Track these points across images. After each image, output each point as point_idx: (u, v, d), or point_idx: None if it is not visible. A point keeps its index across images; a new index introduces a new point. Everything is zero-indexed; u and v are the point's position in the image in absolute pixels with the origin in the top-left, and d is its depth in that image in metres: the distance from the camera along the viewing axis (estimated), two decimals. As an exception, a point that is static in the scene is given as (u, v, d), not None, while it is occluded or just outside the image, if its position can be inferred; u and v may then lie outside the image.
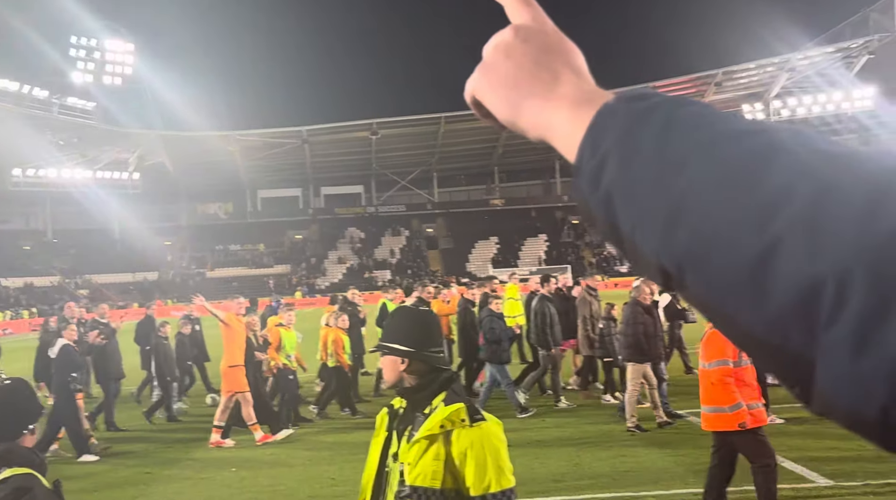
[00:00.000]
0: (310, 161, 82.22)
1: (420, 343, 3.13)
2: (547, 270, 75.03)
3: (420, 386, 3.11)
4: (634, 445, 10.12)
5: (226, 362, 11.91)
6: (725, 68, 74.72)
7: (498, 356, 12.64)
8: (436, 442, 2.95)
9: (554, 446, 10.36)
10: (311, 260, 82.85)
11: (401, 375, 3.14)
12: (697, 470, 8.68)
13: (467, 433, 2.94)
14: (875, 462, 8.48)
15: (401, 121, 78.24)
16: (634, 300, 11.49)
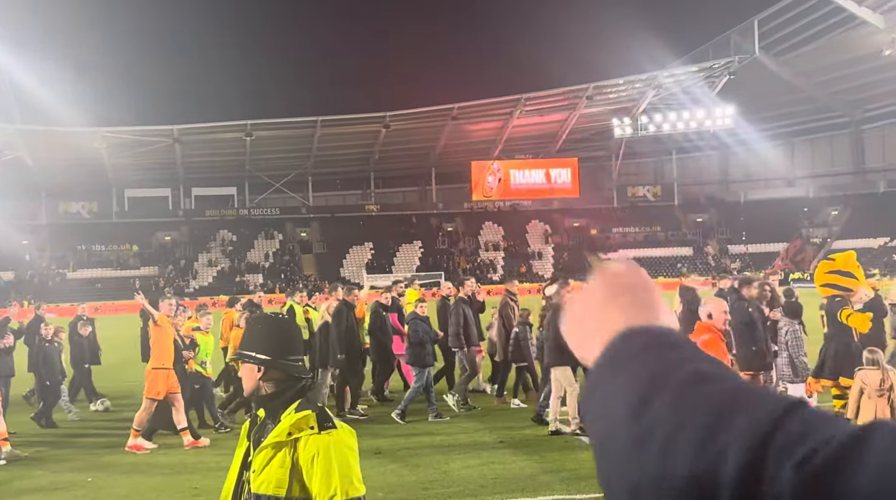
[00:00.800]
0: (181, 161, 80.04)
1: (277, 352, 3.13)
2: (421, 276, 75.49)
3: (275, 394, 3.10)
4: (503, 451, 10.28)
5: (151, 364, 11.63)
6: (596, 83, 76.98)
7: (421, 359, 12.73)
8: (282, 450, 2.93)
9: (424, 453, 10.41)
10: (180, 262, 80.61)
11: (258, 383, 3.13)
12: (564, 477, 8.89)
13: (315, 440, 2.92)
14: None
15: (276, 123, 77.16)
16: (558, 305, 11.65)
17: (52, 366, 13.93)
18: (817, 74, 77.23)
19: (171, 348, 11.73)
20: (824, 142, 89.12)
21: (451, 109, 76.99)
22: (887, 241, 74.29)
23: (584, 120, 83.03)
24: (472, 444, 10.85)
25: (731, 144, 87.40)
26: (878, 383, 8.58)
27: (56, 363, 14.08)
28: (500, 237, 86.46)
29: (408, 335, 13.04)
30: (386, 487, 8.82)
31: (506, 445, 10.70)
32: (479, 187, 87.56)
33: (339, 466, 2.91)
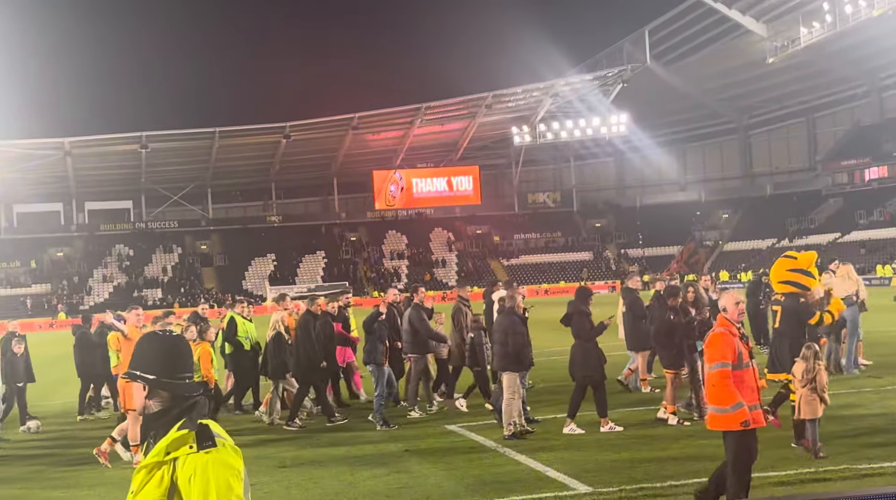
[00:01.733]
0: (73, 174, 77.55)
1: (162, 370, 3.11)
2: (325, 286, 74.96)
3: (161, 413, 3.09)
4: (408, 461, 10.39)
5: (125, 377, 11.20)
6: (495, 92, 78.05)
7: (374, 358, 13.16)
8: (160, 469, 2.90)
9: (329, 465, 10.43)
10: (73, 279, 78.04)
11: (144, 402, 3.15)
12: (469, 484, 9.05)
13: (193, 459, 2.87)
14: (630, 469, 9.21)
15: (172, 134, 75.62)
16: (511, 310, 11.76)
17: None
18: (706, 82, 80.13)
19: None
20: (714, 147, 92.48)
21: (352, 118, 76.87)
22: (775, 242, 77.40)
23: (484, 128, 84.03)
24: (378, 454, 10.92)
25: (626, 150, 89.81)
26: (801, 375, 9.32)
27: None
28: (404, 246, 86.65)
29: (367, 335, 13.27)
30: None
31: (412, 454, 10.81)
32: (381, 196, 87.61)
33: (217, 486, 2.83)
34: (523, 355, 11.59)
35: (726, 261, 77.77)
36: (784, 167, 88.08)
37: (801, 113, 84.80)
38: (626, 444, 10.51)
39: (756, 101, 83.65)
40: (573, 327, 11.57)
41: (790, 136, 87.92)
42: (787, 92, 79.93)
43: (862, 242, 68.89)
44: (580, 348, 11.49)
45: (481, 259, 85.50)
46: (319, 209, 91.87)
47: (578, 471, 9.22)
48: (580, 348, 11.49)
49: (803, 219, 77.87)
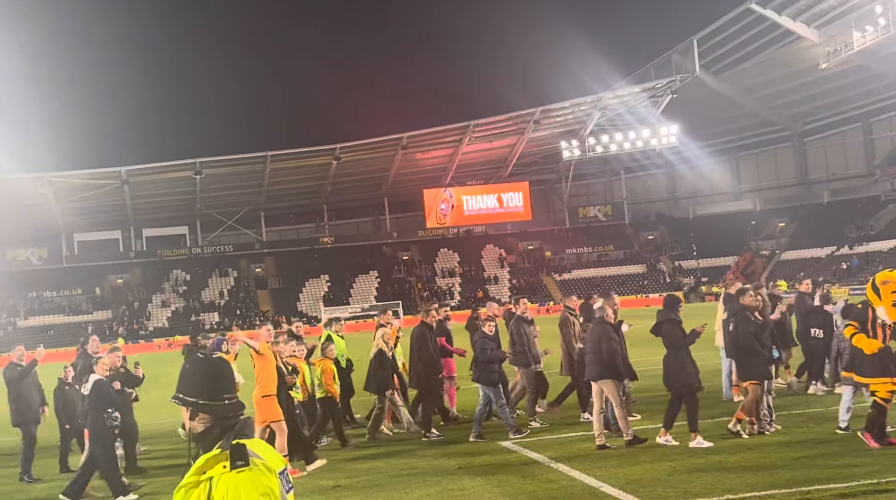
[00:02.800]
0: (130, 202, 79.22)
1: (204, 393, 3.22)
2: (379, 306, 75.34)
3: (204, 433, 3.19)
4: (461, 478, 10.35)
5: (259, 393, 11.61)
6: (543, 107, 77.92)
7: (488, 377, 12.97)
8: (197, 488, 2.97)
9: (382, 482, 10.44)
10: (133, 304, 79.56)
11: (190, 423, 3.23)
12: (522, 499, 9.00)
13: (226, 478, 2.94)
14: (686, 483, 9.07)
15: (225, 160, 76.81)
16: (602, 319, 11.85)
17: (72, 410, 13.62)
18: (757, 90, 79.04)
19: (274, 374, 11.81)
20: (768, 155, 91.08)
21: (401, 138, 77.35)
22: (834, 250, 75.87)
23: (532, 144, 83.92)
24: (432, 471, 10.90)
25: (676, 161, 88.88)
26: None
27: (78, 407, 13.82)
28: (456, 263, 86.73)
29: (476, 355, 13.24)
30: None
31: (465, 471, 10.78)
32: (432, 215, 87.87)
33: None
34: (618, 362, 11.57)
35: (784, 270, 76.36)
36: (841, 173, 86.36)
37: (857, 118, 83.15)
38: (683, 456, 10.35)
39: (810, 107, 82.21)
40: (665, 336, 11.36)
41: (846, 141, 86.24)
42: (841, 97, 78.43)
43: (924, 247, 67.19)
44: (674, 358, 11.26)
45: (534, 275, 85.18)
46: (371, 229, 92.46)
47: (635, 486, 9.11)
48: (674, 358, 11.26)
49: (863, 225, 76.22)
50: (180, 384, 3.29)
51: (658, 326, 11.56)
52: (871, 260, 69.79)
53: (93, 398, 11.14)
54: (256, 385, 11.68)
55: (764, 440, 10.97)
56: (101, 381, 11.33)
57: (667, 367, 11.39)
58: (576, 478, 9.78)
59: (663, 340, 11.42)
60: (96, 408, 11.07)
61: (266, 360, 11.74)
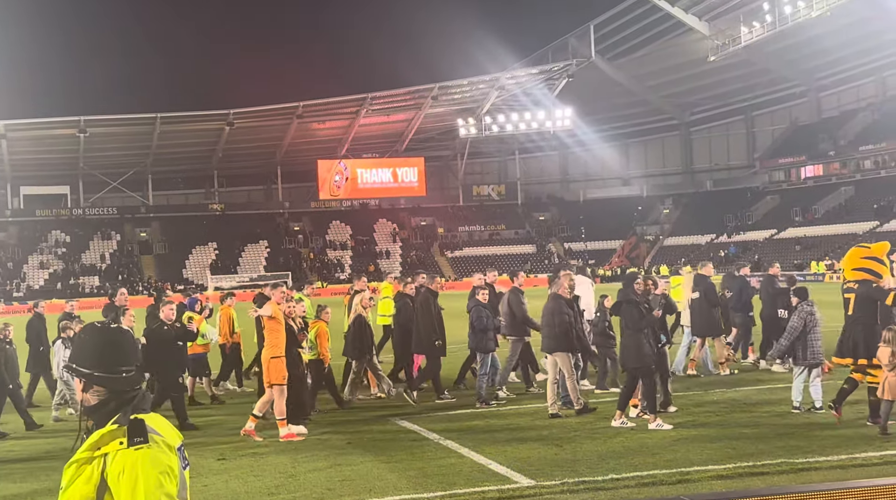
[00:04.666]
0: (8, 159, 75.50)
1: (100, 365, 3.04)
2: (268, 277, 74.27)
3: (98, 406, 3.02)
4: (350, 453, 10.33)
5: (267, 353, 11.44)
6: (441, 83, 77.96)
7: (484, 345, 13.16)
8: (90, 464, 2.84)
9: (270, 457, 10.32)
10: (7, 265, 76.09)
11: (82, 395, 3.08)
12: (411, 476, 9.04)
13: (123, 455, 2.81)
14: (571, 463, 9.28)
15: (112, 119, 74.05)
16: (556, 294, 12.02)
17: (14, 369, 13.49)
18: (649, 78, 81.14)
19: (284, 336, 11.63)
20: (656, 143, 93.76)
21: (297, 107, 76.14)
22: (714, 237, 78.77)
23: (430, 120, 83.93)
24: (322, 446, 10.84)
25: (570, 144, 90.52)
26: (888, 358, 9.77)
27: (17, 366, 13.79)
28: (348, 236, 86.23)
29: (471, 322, 13.32)
30: (230, 495, 8.70)
31: (353, 445, 10.75)
32: (326, 186, 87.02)
33: (147, 484, 2.77)
34: (570, 336, 11.80)
35: (666, 255, 78.92)
36: (723, 164, 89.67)
37: (741, 111, 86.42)
38: (570, 437, 10.59)
39: (697, 98, 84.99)
40: (623, 316, 11.32)
41: (730, 133, 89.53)
42: (727, 90, 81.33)
43: (797, 239, 70.46)
44: (632, 339, 11.16)
45: (425, 250, 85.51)
46: (263, 198, 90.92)
47: (521, 464, 9.27)
48: (632, 339, 11.16)
49: (742, 215, 79.35)
50: (73, 354, 3.13)
51: (617, 305, 11.59)
52: (747, 249, 72.83)
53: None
54: (266, 346, 11.61)
55: (644, 424, 11.27)
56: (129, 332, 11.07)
57: (624, 347, 11.38)
58: (465, 455, 9.88)
59: (621, 320, 11.41)
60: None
61: (276, 322, 11.61)
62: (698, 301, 15.09)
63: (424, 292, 14.18)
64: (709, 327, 15.04)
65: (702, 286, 15.17)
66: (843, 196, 73.22)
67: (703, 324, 15.03)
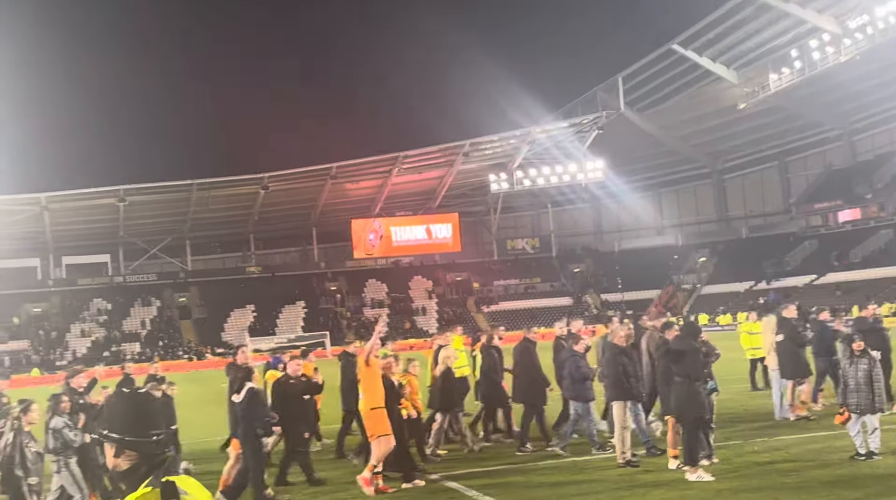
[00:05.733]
0: (50, 229, 77.12)
1: (129, 430, 3.17)
2: (305, 337, 74.59)
3: (130, 471, 3.14)
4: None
5: (367, 405, 11.61)
6: (472, 140, 78.65)
7: (584, 394, 13.23)
8: None
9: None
10: (51, 334, 77.19)
11: (114, 460, 3.17)
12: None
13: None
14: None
15: (150, 187, 75.47)
16: (612, 343, 12.37)
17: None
18: (679, 128, 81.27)
19: (381, 387, 11.77)
20: (689, 192, 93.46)
21: (330, 168, 77.14)
22: (752, 285, 77.93)
23: (462, 176, 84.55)
24: None
25: (602, 196, 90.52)
26: None
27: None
28: (384, 294, 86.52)
29: (570, 371, 13.46)
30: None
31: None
32: (360, 245, 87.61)
33: None
34: (623, 384, 12.01)
35: (705, 304, 78.12)
36: (759, 210, 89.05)
37: (774, 157, 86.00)
38: (610, 491, 10.50)
39: (729, 146, 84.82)
40: (685, 366, 11.06)
41: (764, 179, 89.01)
42: (759, 137, 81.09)
43: (837, 284, 69.50)
44: (687, 387, 10.96)
45: (461, 306, 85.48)
46: (298, 259, 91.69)
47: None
48: (687, 387, 10.96)
49: (779, 261, 78.52)
50: (106, 420, 3.23)
51: (679, 354, 11.29)
52: (787, 295, 71.81)
53: (245, 407, 11.26)
54: (363, 397, 11.74)
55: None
56: (256, 390, 11.51)
57: (678, 396, 11.12)
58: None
59: (679, 369, 11.11)
60: (248, 417, 11.20)
61: (372, 372, 11.78)
62: (784, 344, 15.10)
63: (524, 341, 14.54)
64: (796, 369, 14.99)
65: (786, 329, 15.19)
66: (883, 239, 72.24)
67: (791, 366, 15.02)
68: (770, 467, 11.29)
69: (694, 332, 11.77)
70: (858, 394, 11.08)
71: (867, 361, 11.18)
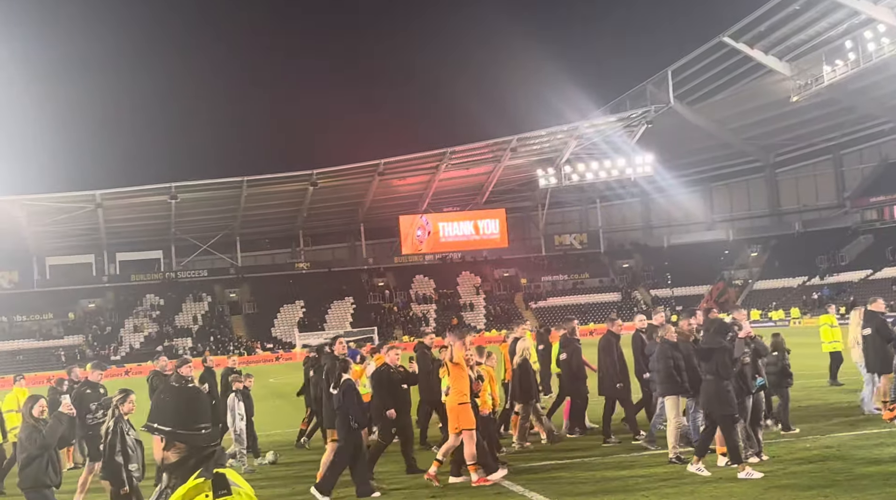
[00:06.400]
0: (104, 226, 78.63)
1: (178, 422, 3.20)
2: (354, 332, 75.06)
3: (179, 463, 3.18)
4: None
5: (455, 399, 11.84)
6: (520, 135, 78.39)
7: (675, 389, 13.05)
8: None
9: None
10: (105, 329, 78.75)
11: (162, 453, 3.22)
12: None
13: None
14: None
15: (201, 184, 76.51)
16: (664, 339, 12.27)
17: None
18: (730, 121, 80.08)
19: (468, 382, 12.04)
20: (740, 186, 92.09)
21: (378, 164, 77.49)
22: (805, 280, 76.62)
23: (509, 171, 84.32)
24: (409, 497, 10.89)
25: (651, 190, 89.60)
26: None
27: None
28: (432, 289, 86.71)
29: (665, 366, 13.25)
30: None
31: (437, 498, 10.78)
32: (408, 241, 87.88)
33: None
34: (674, 379, 11.96)
35: (757, 299, 77.04)
36: (812, 205, 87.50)
37: (828, 150, 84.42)
38: (655, 488, 10.40)
39: (782, 139, 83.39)
40: (714, 364, 10.96)
41: (817, 173, 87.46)
42: (812, 130, 79.66)
43: (894, 278, 68.03)
44: (715, 385, 10.89)
45: (509, 302, 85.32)
46: (347, 255, 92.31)
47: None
48: (715, 385, 10.89)
49: (833, 256, 77.08)
50: (153, 413, 3.28)
51: (708, 352, 11.16)
52: (841, 290, 70.57)
53: (339, 398, 11.59)
54: (452, 392, 11.90)
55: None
56: (351, 382, 11.78)
57: (706, 393, 11.09)
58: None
59: (709, 367, 11.04)
60: (344, 408, 11.51)
61: (461, 368, 11.95)
62: (871, 337, 14.91)
63: (606, 334, 14.62)
64: (882, 364, 14.77)
65: (873, 322, 14.97)
66: (941, 233, 70.56)
67: (877, 360, 14.79)
68: (822, 464, 11.08)
69: (722, 329, 11.42)
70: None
71: None
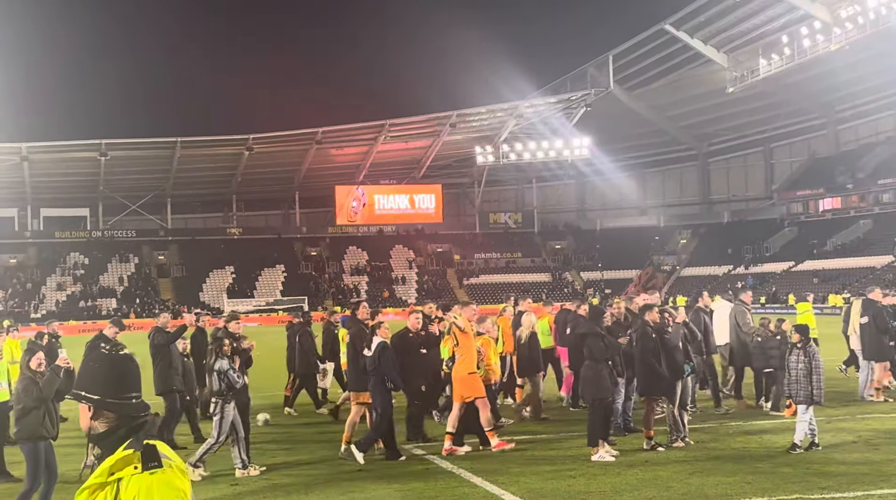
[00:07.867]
0: (29, 180, 76.27)
1: (107, 391, 3.08)
2: (284, 301, 74.48)
3: (108, 433, 3.06)
4: (363, 481, 10.33)
5: (465, 369, 11.86)
6: (460, 111, 78.32)
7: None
8: (103, 490, 2.86)
9: (281, 483, 10.33)
10: (26, 286, 76.63)
11: (90, 422, 3.09)
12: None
13: (138, 480, 2.83)
14: (584, 495, 9.24)
15: (133, 143, 74.76)
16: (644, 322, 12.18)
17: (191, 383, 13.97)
18: (667, 109, 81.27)
19: (475, 351, 12.10)
20: (674, 173, 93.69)
21: (316, 132, 76.65)
22: (731, 269, 78.41)
23: (447, 147, 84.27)
24: (334, 474, 10.84)
25: (587, 173, 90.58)
26: None
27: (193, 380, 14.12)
28: (365, 261, 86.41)
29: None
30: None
31: (367, 473, 10.76)
32: (343, 212, 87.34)
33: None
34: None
35: (683, 286, 78.60)
36: (741, 195, 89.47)
37: (759, 142, 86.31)
38: (585, 469, 10.53)
39: (716, 129, 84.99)
40: (588, 347, 11.38)
41: (748, 164, 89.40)
42: (745, 121, 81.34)
43: (815, 271, 70.05)
44: (592, 369, 11.29)
45: (441, 277, 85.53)
46: (280, 223, 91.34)
47: (534, 495, 9.26)
48: (592, 369, 11.29)
49: (759, 247, 78.99)
50: (80, 380, 3.14)
51: (581, 336, 11.69)
52: (765, 280, 72.42)
53: (375, 361, 11.44)
54: (460, 362, 11.95)
55: (668, 455, 11.20)
56: (386, 344, 11.62)
57: (585, 378, 11.50)
58: (478, 485, 9.86)
59: (585, 350, 11.47)
60: (378, 370, 11.41)
61: (468, 337, 12.04)
62: (867, 325, 15.26)
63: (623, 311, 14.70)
64: (878, 352, 15.13)
65: (871, 311, 15.35)
66: (862, 229, 72.80)
67: (873, 348, 15.17)
68: (745, 450, 11.34)
69: (596, 315, 11.88)
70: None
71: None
